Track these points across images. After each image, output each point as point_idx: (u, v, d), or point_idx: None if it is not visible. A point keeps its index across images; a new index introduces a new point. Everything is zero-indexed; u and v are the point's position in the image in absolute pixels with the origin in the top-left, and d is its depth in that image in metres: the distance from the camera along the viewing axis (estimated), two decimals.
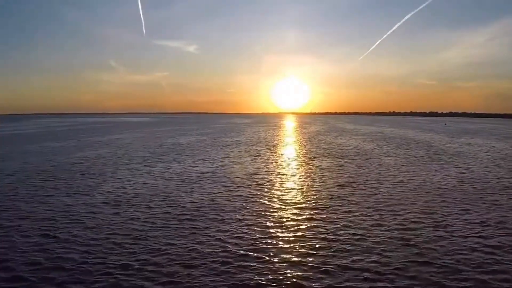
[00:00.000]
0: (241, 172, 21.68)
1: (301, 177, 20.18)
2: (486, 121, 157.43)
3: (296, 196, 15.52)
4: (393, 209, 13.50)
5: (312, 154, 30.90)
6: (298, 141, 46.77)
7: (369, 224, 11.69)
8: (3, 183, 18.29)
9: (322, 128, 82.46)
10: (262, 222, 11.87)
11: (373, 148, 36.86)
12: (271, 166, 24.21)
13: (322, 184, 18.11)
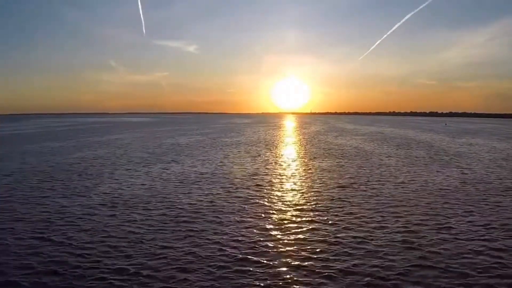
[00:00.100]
0: (240, 173, 21.42)
1: (301, 178, 19.92)
2: (486, 121, 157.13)
3: (296, 198, 15.25)
4: (395, 210, 13.23)
5: (312, 155, 30.65)
6: (298, 141, 46.52)
7: (370, 226, 11.42)
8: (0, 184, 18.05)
9: (322, 128, 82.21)
10: (261, 225, 11.61)
11: (373, 148, 36.60)
12: (271, 166, 23.95)
13: (323, 185, 17.85)
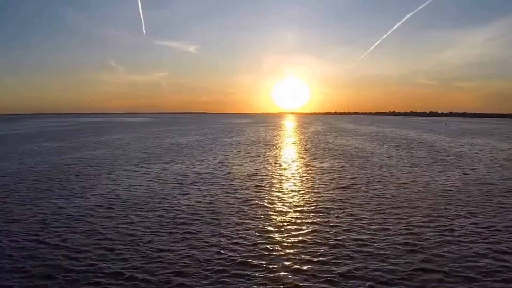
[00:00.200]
0: (240, 173, 21.20)
1: (301, 178, 19.71)
2: (486, 121, 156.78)
3: (296, 199, 15.04)
4: (397, 212, 13.02)
5: (312, 155, 30.43)
6: (298, 141, 46.29)
7: (372, 228, 11.21)
8: None
9: (322, 128, 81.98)
10: (260, 227, 11.40)
11: (374, 148, 36.38)
12: (271, 167, 23.73)
13: (323, 186, 17.64)
